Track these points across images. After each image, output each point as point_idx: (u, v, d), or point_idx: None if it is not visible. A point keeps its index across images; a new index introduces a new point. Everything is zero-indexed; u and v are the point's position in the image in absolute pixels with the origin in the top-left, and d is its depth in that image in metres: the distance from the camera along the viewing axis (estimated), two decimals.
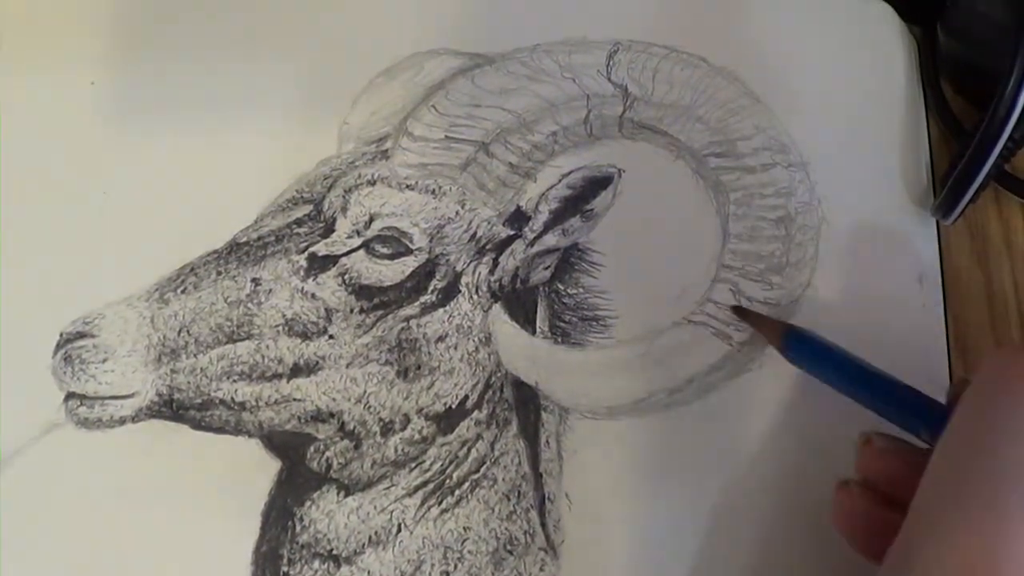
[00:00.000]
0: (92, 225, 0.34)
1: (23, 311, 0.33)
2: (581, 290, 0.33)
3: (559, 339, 0.32)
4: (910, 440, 0.26)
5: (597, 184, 0.33)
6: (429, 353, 0.31)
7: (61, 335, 0.32)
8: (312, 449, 0.31)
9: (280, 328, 0.31)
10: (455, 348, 0.32)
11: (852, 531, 0.26)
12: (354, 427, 0.31)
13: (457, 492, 0.30)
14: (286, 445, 0.31)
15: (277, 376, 0.31)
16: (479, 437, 0.31)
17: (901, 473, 0.25)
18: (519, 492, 0.30)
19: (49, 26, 0.36)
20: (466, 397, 0.31)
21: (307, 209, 0.33)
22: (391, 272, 0.32)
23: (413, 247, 0.32)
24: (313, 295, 0.32)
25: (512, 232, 0.33)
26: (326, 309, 0.32)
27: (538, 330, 0.32)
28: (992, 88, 0.29)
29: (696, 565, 0.30)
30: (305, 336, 0.31)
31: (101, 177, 0.34)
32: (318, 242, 0.32)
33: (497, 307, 0.32)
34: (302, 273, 0.32)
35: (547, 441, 0.31)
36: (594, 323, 0.32)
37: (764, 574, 0.29)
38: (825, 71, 0.35)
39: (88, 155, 0.35)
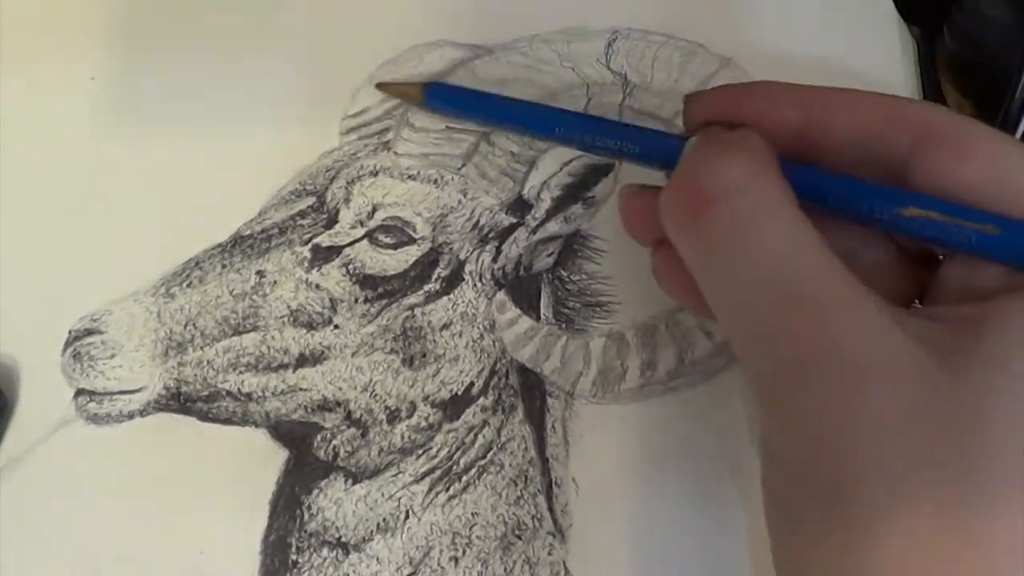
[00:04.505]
0: (96, 221, 0.34)
1: (31, 309, 0.33)
2: (584, 276, 0.33)
3: (563, 325, 0.32)
4: None
5: (598, 171, 0.33)
6: (434, 341, 0.32)
7: (70, 332, 0.32)
8: (319, 438, 0.31)
9: (285, 319, 0.32)
10: (460, 335, 0.32)
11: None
12: (360, 415, 0.31)
13: (464, 478, 0.30)
14: (293, 434, 0.31)
15: (283, 366, 0.31)
16: (485, 423, 0.31)
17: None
18: (526, 477, 0.30)
19: (49, 21, 0.37)
20: (472, 384, 0.31)
21: (310, 201, 0.33)
22: (394, 261, 0.32)
23: (416, 236, 0.33)
24: (317, 286, 0.32)
25: (515, 220, 0.33)
26: (331, 299, 0.32)
27: (542, 316, 0.32)
28: (1003, 91, 0.29)
29: (703, 547, 0.30)
30: (310, 326, 0.32)
31: (103, 173, 0.35)
32: (322, 233, 0.33)
33: (501, 294, 0.32)
34: (306, 264, 0.32)
35: (553, 426, 0.31)
36: (597, 308, 0.32)
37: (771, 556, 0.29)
38: (823, 69, 0.35)
39: (89, 151, 0.35)
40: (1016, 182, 0.21)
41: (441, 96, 0.32)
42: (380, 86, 0.33)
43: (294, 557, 0.30)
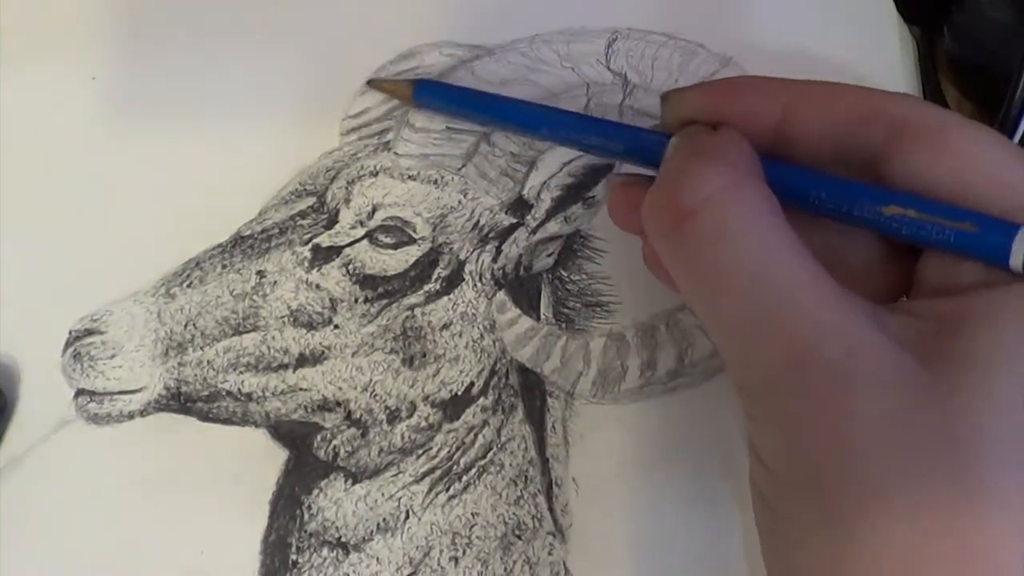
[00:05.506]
0: (97, 221, 0.34)
1: (31, 309, 0.33)
2: (584, 276, 0.33)
3: (563, 325, 0.32)
4: None
5: (598, 171, 0.33)
6: (434, 341, 0.32)
7: (70, 333, 0.32)
8: (319, 438, 0.31)
9: (285, 319, 0.32)
10: (460, 335, 0.32)
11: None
12: (360, 415, 0.31)
13: (464, 478, 0.30)
14: (293, 434, 0.31)
15: (283, 367, 0.31)
16: (485, 423, 0.31)
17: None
18: (526, 477, 0.30)
19: (49, 21, 0.37)
20: (472, 384, 0.31)
21: (310, 201, 0.33)
22: (394, 261, 0.32)
23: (416, 236, 0.33)
24: (318, 286, 0.32)
25: (515, 220, 0.33)
26: (331, 299, 0.32)
27: (542, 316, 0.32)
28: (1003, 91, 0.29)
29: (704, 547, 0.29)
30: (310, 326, 0.32)
31: (103, 173, 0.35)
32: (322, 233, 0.33)
33: (501, 294, 0.32)
34: (306, 264, 0.32)
35: (553, 426, 0.31)
36: (598, 308, 0.32)
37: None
38: (823, 70, 0.35)
39: (90, 151, 0.35)
40: (991, 174, 0.21)
41: (429, 93, 0.33)
42: (372, 83, 0.34)
43: (294, 557, 0.30)
